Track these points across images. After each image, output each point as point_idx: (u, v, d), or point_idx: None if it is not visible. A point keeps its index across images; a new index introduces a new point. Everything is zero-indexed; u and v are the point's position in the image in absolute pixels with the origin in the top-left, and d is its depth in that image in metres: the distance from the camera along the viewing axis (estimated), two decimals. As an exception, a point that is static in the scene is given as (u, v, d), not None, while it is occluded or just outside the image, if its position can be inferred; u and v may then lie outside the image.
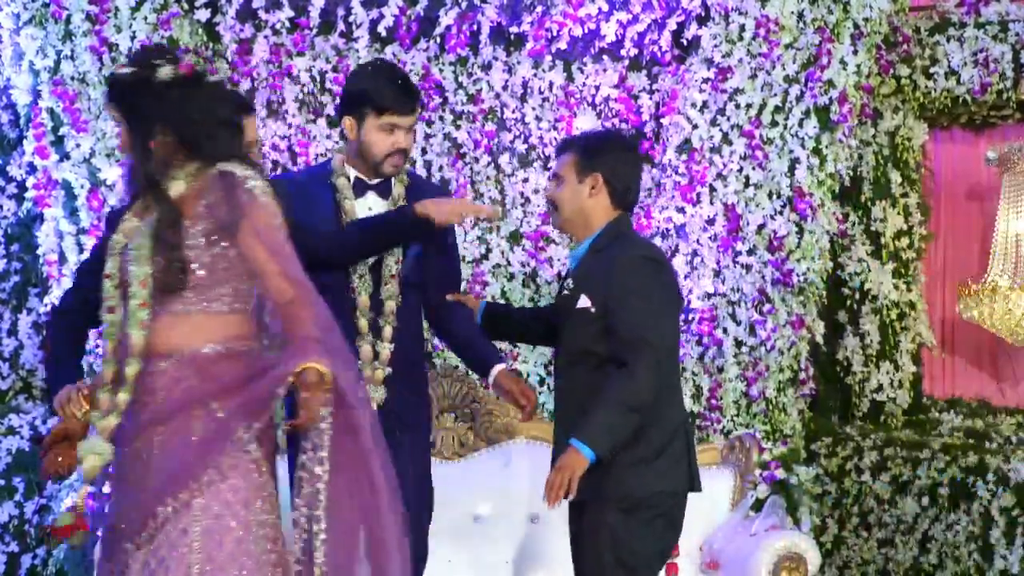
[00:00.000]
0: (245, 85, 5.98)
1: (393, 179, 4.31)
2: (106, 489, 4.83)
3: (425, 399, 4.42)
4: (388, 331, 4.26)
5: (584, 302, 4.07)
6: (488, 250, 6.16)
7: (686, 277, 6.03)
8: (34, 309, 6.19)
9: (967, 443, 6.05)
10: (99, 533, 4.37)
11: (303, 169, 5.21)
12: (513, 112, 6.20)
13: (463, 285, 5.07)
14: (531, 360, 6.02)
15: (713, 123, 6.05)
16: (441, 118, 6.12)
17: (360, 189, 4.29)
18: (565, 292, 4.16)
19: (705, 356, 5.99)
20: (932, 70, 6.49)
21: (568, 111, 6.21)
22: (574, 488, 3.90)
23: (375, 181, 4.29)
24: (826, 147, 6.02)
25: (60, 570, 5.51)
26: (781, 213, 6.01)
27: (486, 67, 6.18)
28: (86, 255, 5.22)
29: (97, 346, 5.45)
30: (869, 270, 6.60)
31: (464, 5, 5.95)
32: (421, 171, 6.02)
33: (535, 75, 6.20)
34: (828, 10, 6.00)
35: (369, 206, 4.30)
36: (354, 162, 4.27)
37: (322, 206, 4.25)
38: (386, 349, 4.23)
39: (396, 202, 4.30)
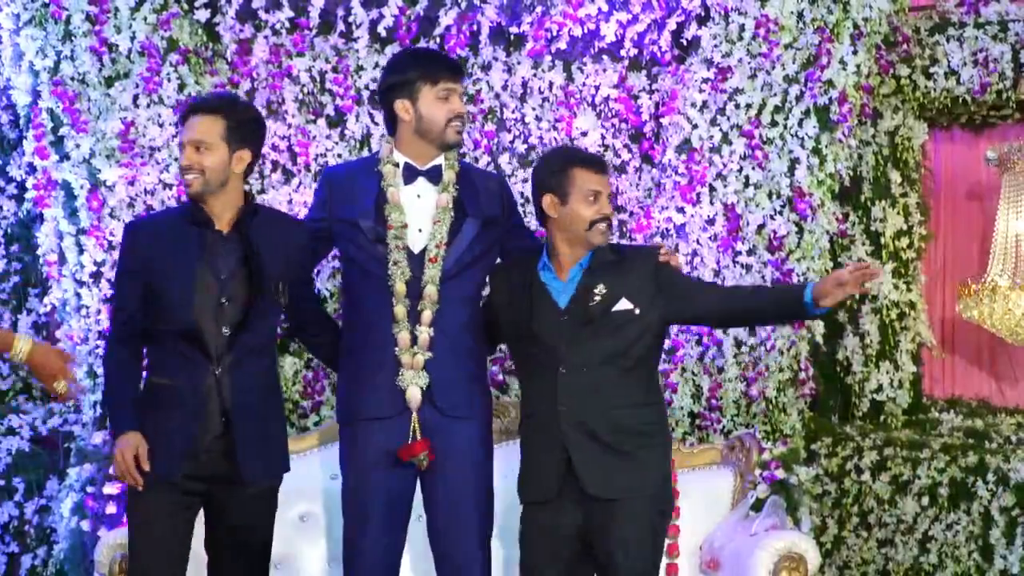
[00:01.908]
0: (245, 85, 5.95)
1: (444, 164, 4.35)
2: (106, 489, 5.04)
3: (480, 386, 4.41)
4: (427, 315, 4.28)
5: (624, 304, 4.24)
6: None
7: (687, 277, 5.99)
8: (34, 310, 6.20)
9: (967, 443, 6.05)
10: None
11: (352, 160, 5.24)
12: (513, 112, 6.18)
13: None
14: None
15: (713, 123, 6.01)
16: (441, 118, 6.08)
17: (410, 175, 4.35)
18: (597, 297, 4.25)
19: (705, 356, 5.94)
20: (932, 70, 6.43)
21: (568, 111, 6.19)
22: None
23: (427, 166, 4.34)
24: (826, 147, 5.98)
25: (60, 570, 5.54)
26: (781, 213, 5.98)
27: (486, 67, 6.15)
28: (102, 271, 5.34)
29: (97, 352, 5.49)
30: (869, 270, 6.58)
31: (464, 5, 5.92)
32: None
33: (535, 75, 6.18)
34: (828, 10, 5.97)
35: (418, 193, 4.36)
36: (407, 147, 4.34)
37: (365, 196, 4.32)
38: (424, 333, 4.26)
39: (446, 187, 4.35)
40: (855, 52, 5.97)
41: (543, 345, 4.28)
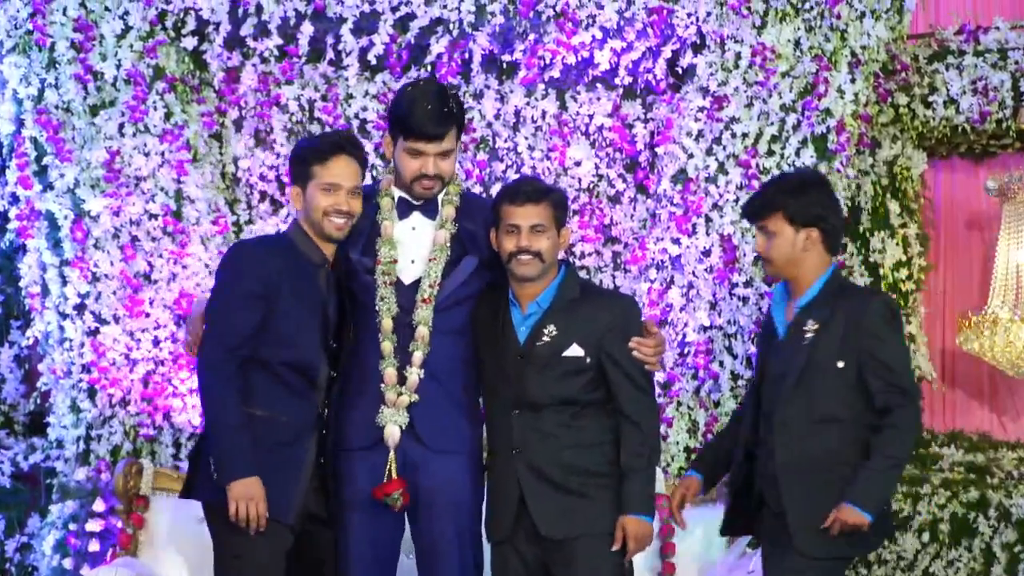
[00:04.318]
0: (233, 114, 6.01)
1: (441, 199, 4.29)
2: (89, 527, 5.09)
3: (469, 419, 4.32)
4: (418, 357, 4.21)
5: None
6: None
7: (681, 309, 5.97)
8: (16, 342, 6.21)
9: (968, 478, 6.03)
10: None
11: None
12: (505, 141, 6.23)
13: None
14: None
15: (709, 152, 6.00)
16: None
17: (405, 209, 4.29)
18: None
19: (701, 390, 5.91)
20: (931, 98, 6.41)
21: (561, 140, 6.23)
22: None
23: (422, 200, 4.28)
24: None
25: (41, 604, 5.52)
26: None
27: (478, 95, 6.18)
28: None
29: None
30: (868, 302, 6.51)
31: (456, 33, 5.91)
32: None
33: (528, 104, 6.22)
34: (825, 38, 5.97)
35: (413, 226, 4.28)
36: (398, 183, 4.29)
37: (359, 227, 4.24)
38: (414, 374, 4.20)
39: (444, 223, 4.27)
40: (853, 80, 5.96)
41: (502, 381, 4.25)
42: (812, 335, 4.17)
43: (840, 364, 4.14)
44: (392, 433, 4.19)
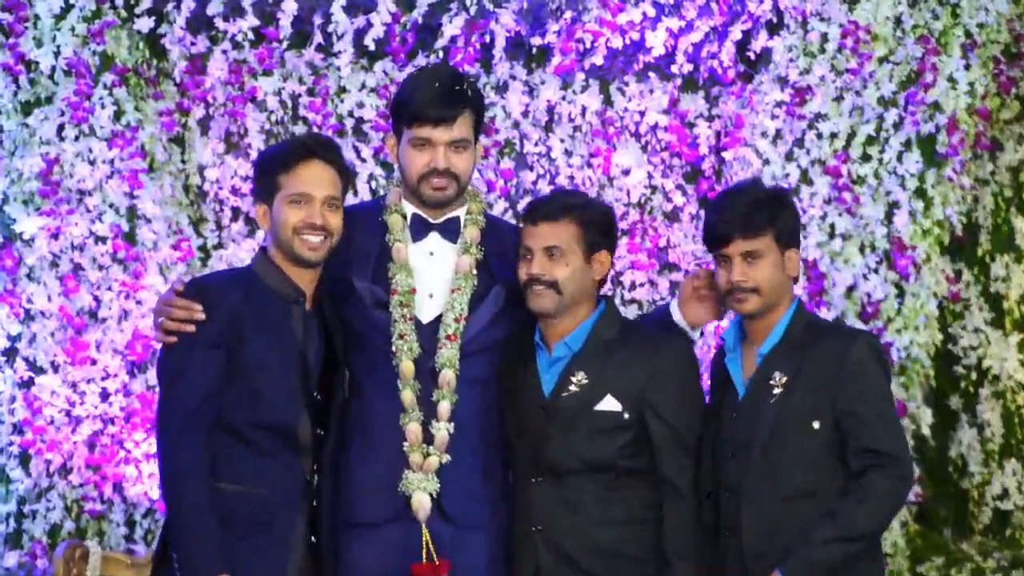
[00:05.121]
0: (198, 113, 5.78)
1: (464, 218, 4.10)
2: None
3: (499, 488, 4.11)
4: (445, 408, 3.98)
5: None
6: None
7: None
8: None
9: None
10: None
11: (355, 204, 5.09)
12: (536, 145, 5.95)
13: None
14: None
15: (789, 157, 5.77)
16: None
17: (420, 229, 4.08)
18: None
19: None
20: (1066, 89, 6.35)
21: (606, 143, 5.97)
22: None
23: (442, 219, 4.07)
24: (932, 187, 5.74)
25: None
26: (876, 271, 5.71)
27: (501, 88, 5.94)
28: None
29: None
30: (988, 343, 6.28)
31: (473, 11, 5.73)
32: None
33: (563, 98, 5.96)
34: (933, 14, 5.73)
35: (431, 250, 4.08)
36: (410, 195, 4.10)
37: (364, 250, 4.08)
38: (443, 430, 3.97)
39: (467, 247, 4.07)
40: (967, 67, 5.74)
41: (521, 440, 4.03)
42: (780, 390, 3.91)
43: (816, 424, 3.87)
44: (423, 503, 3.95)
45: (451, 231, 4.09)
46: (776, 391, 3.92)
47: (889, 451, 3.83)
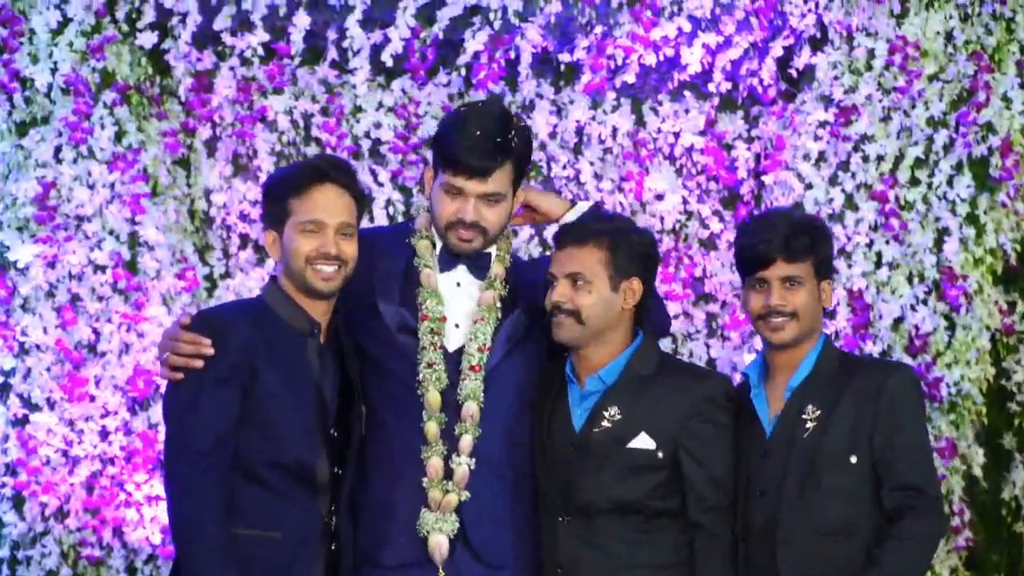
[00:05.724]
0: (204, 133, 5.76)
1: (493, 255, 4.08)
2: None
3: (527, 525, 4.04)
4: (467, 442, 3.95)
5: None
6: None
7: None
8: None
9: None
10: None
11: (376, 227, 5.10)
12: (564, 168, 5.94)
13: None
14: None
15: (833, 182, 5.74)
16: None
17: (448, 259, 4.06)
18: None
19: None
20: None
21: (638, 166, 5.96)
22: None
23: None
24: (984, 213, 5.71)
25: None
26: (925, 302, 5.67)
27: (528, 107, 5.93)
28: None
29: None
30: (1045, 378, 6.41)
31: (498, 25, 5.70)
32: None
33: (593, 118, 5.94)
34: (986, 29, 5.74)
35: (458, 281, 4.05)
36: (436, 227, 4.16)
37: (388, 272, 4.04)
38: (463, 465, 3.93)
39: (492, 283, 4.05)
40: (1023, 85, 5.73)
41: (548, 478, 3.98)
42: (814, 424, 3.87)
43: (853, 459, 3.85)
44: (439, 545, 3.91)
45: (481, 267, 4.07)
46: (809, 424, 3.88)
47: (928, 489, 3.81)
